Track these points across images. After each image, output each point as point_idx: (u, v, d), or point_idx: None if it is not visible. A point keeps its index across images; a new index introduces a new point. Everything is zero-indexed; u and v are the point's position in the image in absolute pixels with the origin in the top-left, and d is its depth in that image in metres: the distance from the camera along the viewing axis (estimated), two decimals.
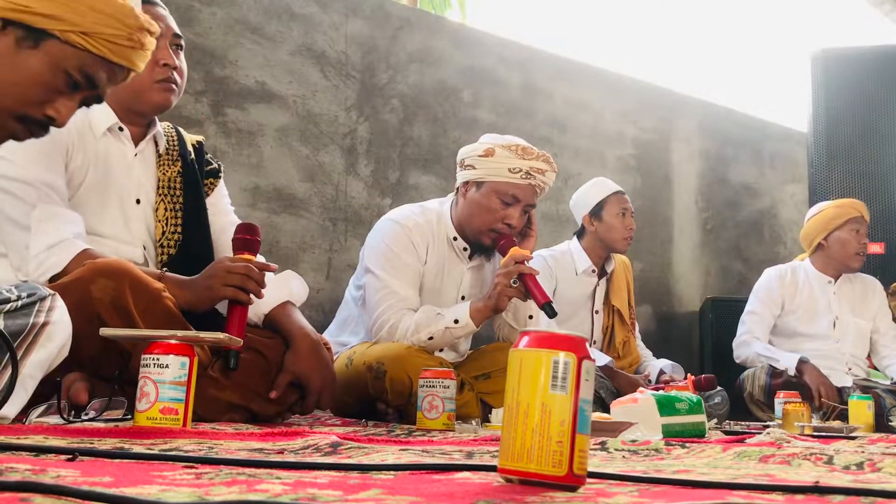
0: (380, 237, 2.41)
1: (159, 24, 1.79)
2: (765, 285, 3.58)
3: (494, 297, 2.26)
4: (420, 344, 2.27)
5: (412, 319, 2.29)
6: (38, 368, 1.31)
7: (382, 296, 2.33)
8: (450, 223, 2.46)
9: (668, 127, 4.66)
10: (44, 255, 1.66)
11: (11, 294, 1.32)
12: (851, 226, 3.43)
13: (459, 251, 2.46)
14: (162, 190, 1.93)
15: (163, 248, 1.90)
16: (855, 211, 3.46)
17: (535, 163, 2.34)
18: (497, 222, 2.35)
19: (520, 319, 2.47)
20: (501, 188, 2.33)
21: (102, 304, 1.54)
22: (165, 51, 1.85)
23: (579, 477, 0.77)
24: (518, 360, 0.79)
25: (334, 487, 0.72)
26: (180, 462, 0.88)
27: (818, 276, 3.53)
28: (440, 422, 1.87)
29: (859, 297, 3.54)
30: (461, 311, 2.30)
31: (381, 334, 2.32)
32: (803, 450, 1.24)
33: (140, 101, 1.87)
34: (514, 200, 2.34)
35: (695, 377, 2.85)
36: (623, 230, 3.22)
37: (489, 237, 2.37)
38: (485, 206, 2.35)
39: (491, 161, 2.34)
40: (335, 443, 1.13)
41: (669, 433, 1.76)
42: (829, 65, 4.13)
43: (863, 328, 3.48)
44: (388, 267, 2.35)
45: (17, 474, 0.70)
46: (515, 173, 2.32)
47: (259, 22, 3.25)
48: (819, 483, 0.80)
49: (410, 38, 3.70)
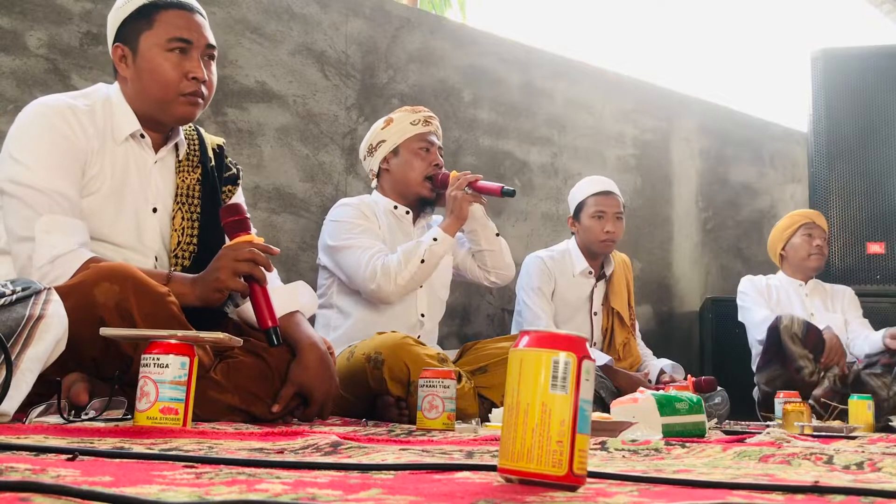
0: (331, 225, 2.61)
1: (194, 34, 1.82)
2: (751, 286, 3.71)
3: (455, 209, 2.55)
4: (415, 271, 2.46)
5: (397, 255, 2.49)
6: (36, 362, 1.30)
7: (359, 254, 2.50)
8: (386, 200, 2.70)
9: (668, 127, 4.66)
10: (48, 268, 1.64)
11: (6, 288, 1.31)
12: (803, 231, 3.67)
13: (402, 217, 2.69)
14: (180, 198, 1.90)
15: (177, 258, 1.87)
16: (805, 218, 3.72)
17: (423, 113, 2.71)
18: (427, 168, 2.65)
19: (482, 239, 2.72)
20: (414, 141, 2.65)
21: (106, 308, 1.53)
22: (196, 63, 1.81)
23: (579, 477, 0.77)
24: (518, 359, 0.79)
25: (334, 487, 0.72)
26: (180, 462, 0.88)
27: (790, 281, 3.75)
28: (440, 422, 1.87)
29: (829, 297, 3.74)
30: (434, 232, 2.54)
31: (378, 280, 2.45)
32: (803, 449, 1.24)
33: (164, 111, 1.84)
34: (429, 144, 2.67)
35: (695, 379, 2.85)
36: (599, 233, 3.18)
37: (426, 187, 2.66)
38: (410, 162, 2.65)
39: (394, 126, 2.67)
40: (335, 442, 1.13)
41: (669, 433, 1.76)
42: (829, 65, 4.13)
43: (837, 321, 3.62)
44: (351, 234, 2.55)
45: (17, 474, 0.70)
46: (416, 124, 2.67)
47: (259, 22, 3.25)
48: (819, 483, 0.80)
49: (410, 38, 3.70)
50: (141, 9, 1.82)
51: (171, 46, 1.79)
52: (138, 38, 1.81)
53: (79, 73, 2.81)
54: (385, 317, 2.57)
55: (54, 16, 2.79)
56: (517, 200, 3.93)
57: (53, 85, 2.74)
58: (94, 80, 2.82)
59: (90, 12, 2.86)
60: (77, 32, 2.82)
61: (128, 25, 1.83)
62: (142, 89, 1.82)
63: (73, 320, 1.41)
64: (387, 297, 2.49)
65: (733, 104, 5.07)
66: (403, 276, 2.45)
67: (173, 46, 1.79)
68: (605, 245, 3.19)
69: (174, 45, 1.79)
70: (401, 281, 2.46)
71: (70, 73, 2.79)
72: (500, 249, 2.75)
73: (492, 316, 3.79)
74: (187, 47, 1.81)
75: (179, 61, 1.80)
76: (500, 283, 2.85)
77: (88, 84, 2.80)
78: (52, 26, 2.78)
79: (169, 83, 1.79)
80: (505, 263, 2.77)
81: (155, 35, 1.80)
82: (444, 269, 2.74)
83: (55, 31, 2.78)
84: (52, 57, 2.76)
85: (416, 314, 2.64)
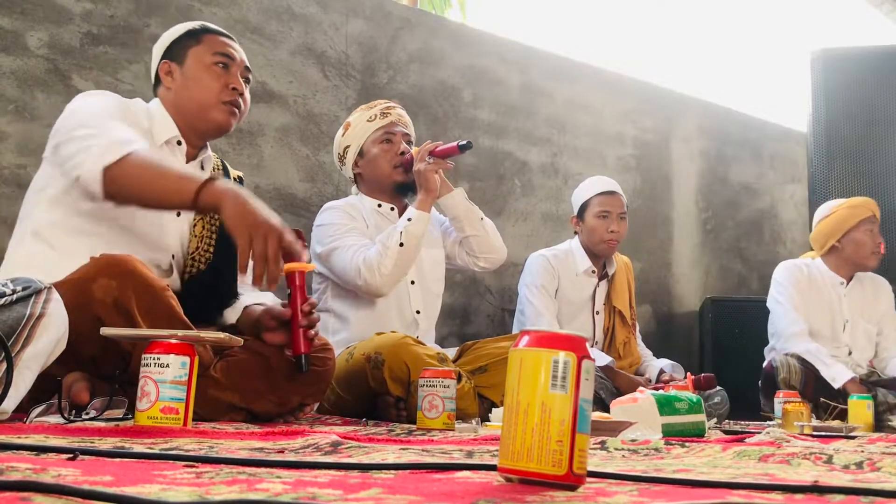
0: (317, 230, 2.64)
1: (235, 53, 2.04)
2: (792, 278, 3.45)
3: (422, 182, 2.55)
4: (397, 256, 2.45)
5: (376, 246, 2.49)
6: (35, 361, 1.31)
7: (344, 253, 2.51)
8: (369, 200, 2.71)
9: (668, 127, 4.66)
10: (110, 145, 1.68)
11: (6, 288, 1.31)
12: (865, 226, 3.39)
13: (387, 213, 2.69)
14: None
15: (194, 260, 1.96)
16: (868, 211, 3.41)
17: (378, 107, 2.71)
18: (393, 158, 2.65)
19: (466, 225, 2.71)
20: (376, 137, 2.66)
21: (104, 304, 1.53)
22: (236, 77, 2.00)
23: (579, 476, 0.77)
24: (518, 359, 0.80)
25: (335, 486, 0.72)
26: (181, 461, 0.88)
27: (831, 276, 3.47)
28: (440, 421, 1.87)
29: (869, 300, 3.50)
30: (408, 213, 2.55)
31: (364, 274, 2.45)
32: (803, 449, 1.24)
33: (204, 117, 1.98)
34: (391, 135, 2.67)
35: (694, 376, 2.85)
36: (603, 232, 3.17)
37: (398, 173, 2.65)
38: (378, 157, 2.66)
39: (352, 129, 2.69)
40: (335, 442, 1.13)
41: (669, 433, 1.76)
42: (829, 65, 4.12)
43: (870, 332, 3.45)
44: (335, 236, 2.56)
45: (17, 473, 0.70)
46: (373, 120, 2.68)
47: (259, 22, 3.25)
48: (818, 482, 0.80)
49: (410, 38, 3.70)
50: (190, 31, 2.05)
51: (215, 60, 1.99)
52: (186, 52, 2.01)
53: (79, 73, 2.81)
54: (379, 316, 2.57)
55: (55, 16, 2.79)
56: (517, 200, 3.93)
57: (54, 85, 2.74)
58: (95, 80, 2.83)
59: (90, 12, 2.86)
60: (77, 32, 2.82)
61: (177, 44, 2.04)
62: (186, 96, 1.98)
63: (72, 316, 1.41)
64: (377, 289, 2.48)
65: (733, 104, 5.07)
66: (386, 265, 2.45)
67: (217, 61, 2.00)
68: (609, 244, 3.18)
69: (218, 59, 2.00)
70: (385, 270, 2.45)
71: (70, 73, 2.79)
72: (486, 233, 2.73)
73: (492, 316, 3.79)
74: (229, 63, 2.01)
75: (222, 73, 2.00)
76: (490, 268, 2.83)
77: (89, 84, 2.81)
78: (53, 26, 2.78)
79: (211, 90, 1.96)
80: (493, 247, 2.74)
81: (202, 50, 2.01)
82: (436, 263, 2.74)
83: (55, 31, 2.78)
84: (52, 57, 2.76)
85: (411, 311, 2.63)
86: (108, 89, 2.81)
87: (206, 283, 1.96)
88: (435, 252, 2.74)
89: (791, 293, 3.41)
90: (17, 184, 2.64)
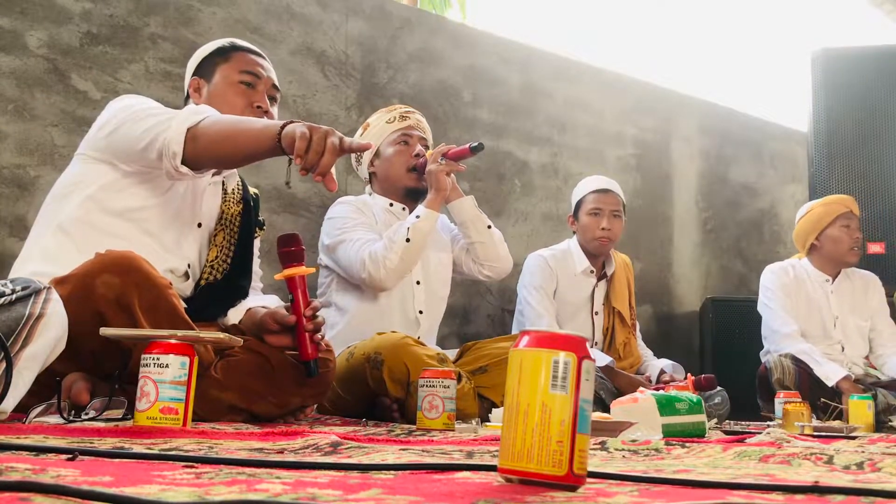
0: (327, 223, 2.66)
1: (262, 71, 2.06)
2: (778, 281, 3.48)
3: (433, 182, 2.58)
4: (402, 251, 2.47)
5: (383, 240, 2.52)
6: (34, 361, 1.30)
7: (350, 246, 2.53)
8: (382, 199, 2.74)
9: (668, 127, 4.66)
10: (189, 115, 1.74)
11: (6, 288, 1.31)
12: (841, 222, 3.44)
13: (399, 213, 2.71)
14: (224, 222, 2.03)
15: (212, 269, 1.98)
16: (843, 207, 3.46)
17: (398, 110, 2.76)
18: (409, 160, 2.68)
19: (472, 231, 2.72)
20: (393, 138, 2.71)
21: (106, 300, 1.53)
22: (261, 96, 2.03)
23: (579, 477, 0.77)
24: (518, 359, 0.79)
25: (334, 487, 0.72)
26: (180, 462, 0.88)
27: (817, 274, 3.52)
28: (440, 422, 1.87)
29: (859, 295, 3.53)
30: (417, 210, 2.58)
31: (368, 267, 2.47)
32: (803, 450, 1.24)
33: None
34: (408, 138, 2.71)
35: (695, 377, 2.85)
36: (595, 230, 3.17)
37: (411, 178, 2.69)
38: (392, 158, 2.70)
39: (371, 129, 2.73)
40: (335, 442, 1.13)
41: (669, 433, 1.76)
42: (829, 65, 4.12)
43: (862, 328, 3.47)
44: (344, 229, 2.58)
45: (17, 474, 0.70)
46: (392, 122, 2.72)
47: (259, 22, 3.25)
48: (819, 483, 0.80)
49: (410, 38, 3.70)
50: (220, 48, 2.08)
51: (242, 79, 2.02)
52: (214, 69, 2.05)
53: (79, 73, 2.81)
54: (381, 313, 2.57)
55: (54, 16, 2.79)
56: (517, 200, 3.93)
57: (53, 85, 2.74)
58: (94, 80, 2.83)
59: (90, 12, 2.86)
60: (77, 32, 2.82)
61: (207, 61, 2.08)
62: None
63: (74, 311, 1.41)
64: (381, 282, 2.50)
65: (733, 104, 5.07)
66: (392, 260, 2.46)
67: (244, 79, 2.03)
68: (601, 242, 3.17)
69: (245, 77, 2.03)
70: (390, 264, 2.47)
71: (70, 73, 2.79)
72: (491, 241, 2.73)
73: (492, 316, 3.79)
74: (255, 82, 2.04)
75: (247, 91, 2.02)
76: (495, 277, 2.83)
77: (88, 84, 2.81)
78: (52, 26, 2.78)
79: (235, 108, 1.98)
80: (497, 255, 2.74)
81: (229, 67, 2.04)
82: (443, 266, 2.74)
83: (55, 30, 2.78)
84: (52, 57, 2.76)
85: (414, 311, 2.64)
86: (108, 89, 2.82)
87: (218, 289, 1.97)
88: (443, 255, 2.75)
89: (779, 296, 3.45)
90: (17, 184, 2.64)
